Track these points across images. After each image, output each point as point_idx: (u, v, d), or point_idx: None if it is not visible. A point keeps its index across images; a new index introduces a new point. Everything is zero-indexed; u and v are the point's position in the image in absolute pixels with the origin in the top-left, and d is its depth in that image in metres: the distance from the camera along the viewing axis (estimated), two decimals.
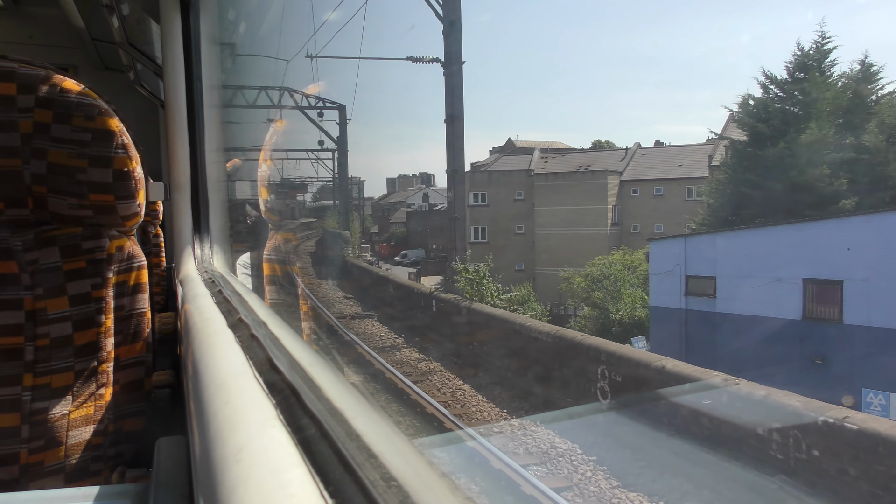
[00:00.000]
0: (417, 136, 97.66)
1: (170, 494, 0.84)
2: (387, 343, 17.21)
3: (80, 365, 1.22)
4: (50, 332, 1.18)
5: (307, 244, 45.32)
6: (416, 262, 51.00)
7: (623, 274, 27.36)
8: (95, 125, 1.19)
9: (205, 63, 2.06)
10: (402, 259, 54.14)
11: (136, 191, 1.26)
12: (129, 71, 4.14)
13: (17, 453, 1.15)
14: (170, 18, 1.97)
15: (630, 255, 29.31)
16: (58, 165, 1.18)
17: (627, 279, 27.04)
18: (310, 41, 33.92)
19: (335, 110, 37.35)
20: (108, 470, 1.26)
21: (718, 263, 19.30)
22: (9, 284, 1.16)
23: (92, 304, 1.24)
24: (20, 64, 1.17)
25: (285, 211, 48.32)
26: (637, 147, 42.17)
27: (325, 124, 36.92)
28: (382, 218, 68.53)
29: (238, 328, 0.95)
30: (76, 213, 1.22)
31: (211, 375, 0.75)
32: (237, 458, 0.50)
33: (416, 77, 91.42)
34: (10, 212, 1.18)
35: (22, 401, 1.15)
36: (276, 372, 0.68)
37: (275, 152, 39.77)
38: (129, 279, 1.33)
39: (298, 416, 0.55)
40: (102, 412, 1.25)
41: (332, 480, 0.43)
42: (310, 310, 21.77)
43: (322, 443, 0.49)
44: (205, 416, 0.65)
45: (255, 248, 18.08)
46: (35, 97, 1.15)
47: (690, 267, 20.15)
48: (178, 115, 1.96)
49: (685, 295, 20.20)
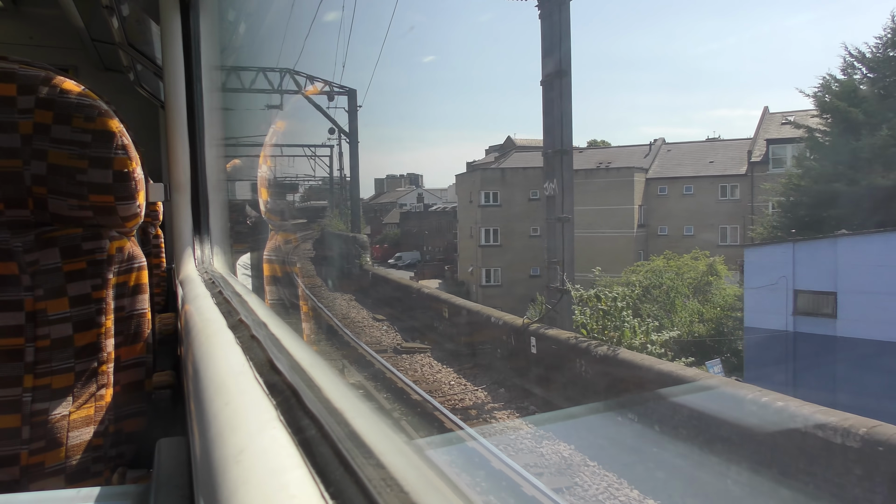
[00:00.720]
0: (404, 137, 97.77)
1: (170, 495, 0.84)
2: (467, 399, 11.75)
3: (80, 366, 1.22)
4: (50, 333, 1.18)
5: (312, 249, 41.76)
6: (411, 265, 49.57)
7: (676, 283, 23.46)
8: (95, 126, 1.19)
9: (205, 64, 2.06)
10: (397, 262, 52.33)
11: (136, 191, 1.26)
12: (129, 72, 4.14)
13: (18, 454, 1.15)
14: (169, 19, 1.97)
15: (676, 261, 25.44)
16: (58, 166, 1.18)
17: (680, 289, 23.32)
18: (308, 40, 32.77)
19: (343, 95, 32.61)
20: (108, 471, 1.26)
21: (841, 275, 15.22)
22: (9, 285, 1.16)
23: (92, 304, 1.24)
24: (20, 65, 1.17)
25: (287, 212, 46.28)
26: (661, 142, 38.03)
27: (331, 112, 33.01)
28: (374, 219, 67.36)
29: (238, 329, 0.95)
30: (76, 214, 1.22)
31: (211, 376, 0.75)
32: (238, 459, 0.50)
33: (411, 77, 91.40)
34: (11, 213, 1.18)
35: (22, 402, 1.15)
36: (276, 373, 0.68)
37: (274, 147, 37.84)
38: (129, 280, 1.33)
39: (299, 416, 0.55)
40: (103, 413, 1.26)
41: (332, 481, 0.44)
42: (334, 335, 17.47)
43: (322, 444, 0.49)
44: (205, 417, 0.65)
45: (256, 248, 17.75)
46: (35, 98, 1.16)
47: (801, 280, 16.16)
48: (177, 115, 1.96)
49: (794, 314, 16.32)
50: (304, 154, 43.32)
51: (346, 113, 33.11)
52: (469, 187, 39.46)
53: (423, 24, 52.35)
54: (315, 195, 54.08)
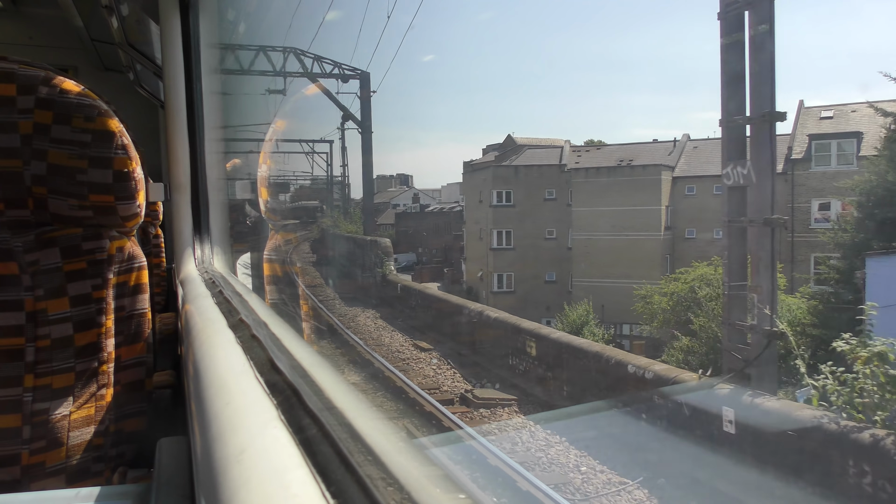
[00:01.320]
0: (393, 137, 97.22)
1: (171, 495, 0.84)
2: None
3: (80, 366, 1.22)
4: (51, 333, 1.19)
5: (312, 253, 37.57)
6: (408, 268, 47.52)
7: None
8: (95, 126, 1.19)
9: (204, 63, 2.06)
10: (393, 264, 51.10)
11: (136, 191, 1.26)
12: (129, 72, 4.14)
13: (19, 454, 1.15)
14: (169, 19, 1.97)
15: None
16: (58, 166, 1.18)
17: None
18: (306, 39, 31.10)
19: (355, 79, 29.15)
20: (109, 470, 1.26)
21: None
22: (9, 285, 1.16)
23: (92, 304, 1.24)
24: (20, 65, 1.17)
25: (290, 211, 44.45)
26: (686, 138, 34.93)
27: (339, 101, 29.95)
28: (367, 220, 65.65)
29: (239, 328, 0.95)
30: (76, 213, 1.22)
31: (212, 376, 0.75)
32: (239, 459, 0.50)
33: (407, 76, 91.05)
34: (11, 213, 1.18)
35: (23, 402, 1.15)
36: (277, 372, 0.69)
37: (276, 142, 35.34)
38: (129, 280, 1.33)
39: (300, 416, 0.55)
40: (103, 413, 1.26)
41: (333, 481, 0.44)
42: (368, 367, 13.76)
43: (323, 443, 0.49)
44: (206, 417, 0.65)
45: (256, 248, 17.31)
46: (35, 98, 1.16)
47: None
48: (177, 115, 1.96)
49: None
50: (309, 149, 40.94)
51: (357, 99, 30.06)
52: (478, 186, 36.69)
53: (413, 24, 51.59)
54: (317, 194, 51.59)
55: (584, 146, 37.19)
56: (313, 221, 45.47)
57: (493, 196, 34.91)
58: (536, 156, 36.66)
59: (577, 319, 19.60)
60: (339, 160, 40.97)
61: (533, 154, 37.11)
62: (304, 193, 49.64)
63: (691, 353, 17.53)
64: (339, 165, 41.27)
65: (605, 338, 18.61)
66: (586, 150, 36.34)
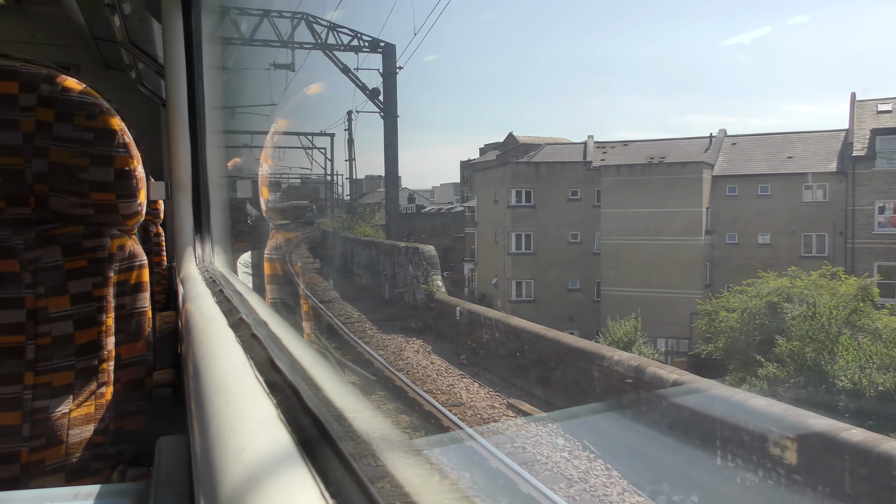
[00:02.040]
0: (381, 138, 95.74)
1: (170, 493, 0.84)
2: None
3: (81, 363, 1.22)
4: (51, 331, 1.19)
5: (345, 269, 31.84)
6: None
7: (839, 313, 15.71)
8: (97, 124, 1.19)
9: (206, 62, 2.06)
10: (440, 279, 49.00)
11: (137, 190, 1.26)
12: (131, 70, 4.14)
13: (18, 452, 1.15)
14: (171, 17, 1.97)
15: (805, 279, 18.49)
16: (59, 164, 1.18)
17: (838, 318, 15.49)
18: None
19: (378, 54, 23.49)
20: (108, 469, 1.26)
21: None
22: (10, 283, 1.16)
23: (93, 302, 1.24)
24: (22, 63, 1.17)
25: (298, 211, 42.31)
26: (724, 134, 31.41)
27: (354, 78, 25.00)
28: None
29: (239, 328, 0.95)
30: (77, 211, 1.22)
31: (212, 375, 0.75)
32: (238, 458, 0.50)
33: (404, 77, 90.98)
34: (12, 210, 1.18)
35: (23, 399, 1.15)
36: (276, 372, 0.69)
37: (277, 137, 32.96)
38: (130, 278, 1.33)
39: (299, 415, 0.55)
40: (103, 411, 1.26)
41: (332, 480, 0.44)
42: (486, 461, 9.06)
43: (323, 443, 0.49)
44: (206, 416, 0.65)
45: (257, 247, 17.03)
46: (37, 96, 1.16)
47: None
48: (179, 113, 1.96)
49: None
50: (308, 143, 37.96)
51: (379, 76, 25.09)
52: (494, 185, 33.03)
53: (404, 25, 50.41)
54: (313, 192, 48.75)
55: (609, 142, 33.76)
56: (311, 223, 43.51)
57: (511, 196, 31.41)
58: (558, 152, 33.38)
59: (623, 336, 17.26)
60: (340, 155, 38.01)
61: (554, 150, 33.79)
62: (301, 192, 47.58)
63: (778, 382, 14.38)
64: (344, 160, 37.14)
65: (654, 356, 15.90)
66: (612, 147, 33.05)
